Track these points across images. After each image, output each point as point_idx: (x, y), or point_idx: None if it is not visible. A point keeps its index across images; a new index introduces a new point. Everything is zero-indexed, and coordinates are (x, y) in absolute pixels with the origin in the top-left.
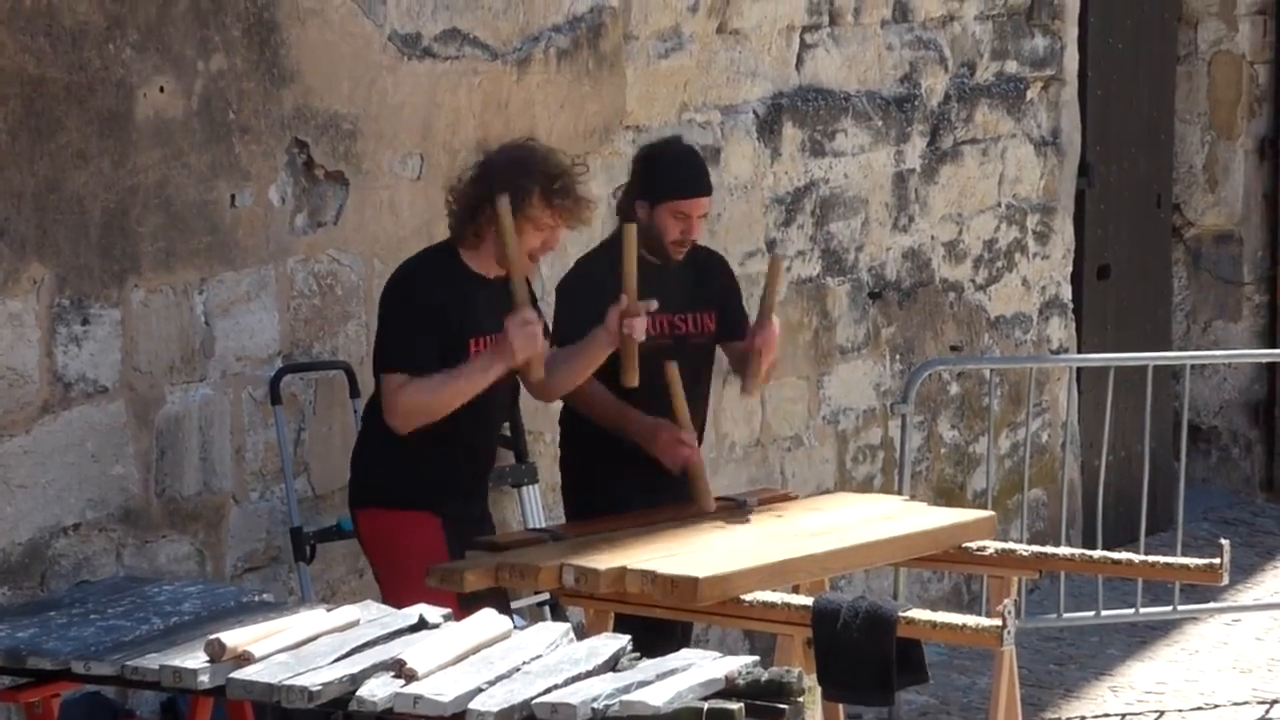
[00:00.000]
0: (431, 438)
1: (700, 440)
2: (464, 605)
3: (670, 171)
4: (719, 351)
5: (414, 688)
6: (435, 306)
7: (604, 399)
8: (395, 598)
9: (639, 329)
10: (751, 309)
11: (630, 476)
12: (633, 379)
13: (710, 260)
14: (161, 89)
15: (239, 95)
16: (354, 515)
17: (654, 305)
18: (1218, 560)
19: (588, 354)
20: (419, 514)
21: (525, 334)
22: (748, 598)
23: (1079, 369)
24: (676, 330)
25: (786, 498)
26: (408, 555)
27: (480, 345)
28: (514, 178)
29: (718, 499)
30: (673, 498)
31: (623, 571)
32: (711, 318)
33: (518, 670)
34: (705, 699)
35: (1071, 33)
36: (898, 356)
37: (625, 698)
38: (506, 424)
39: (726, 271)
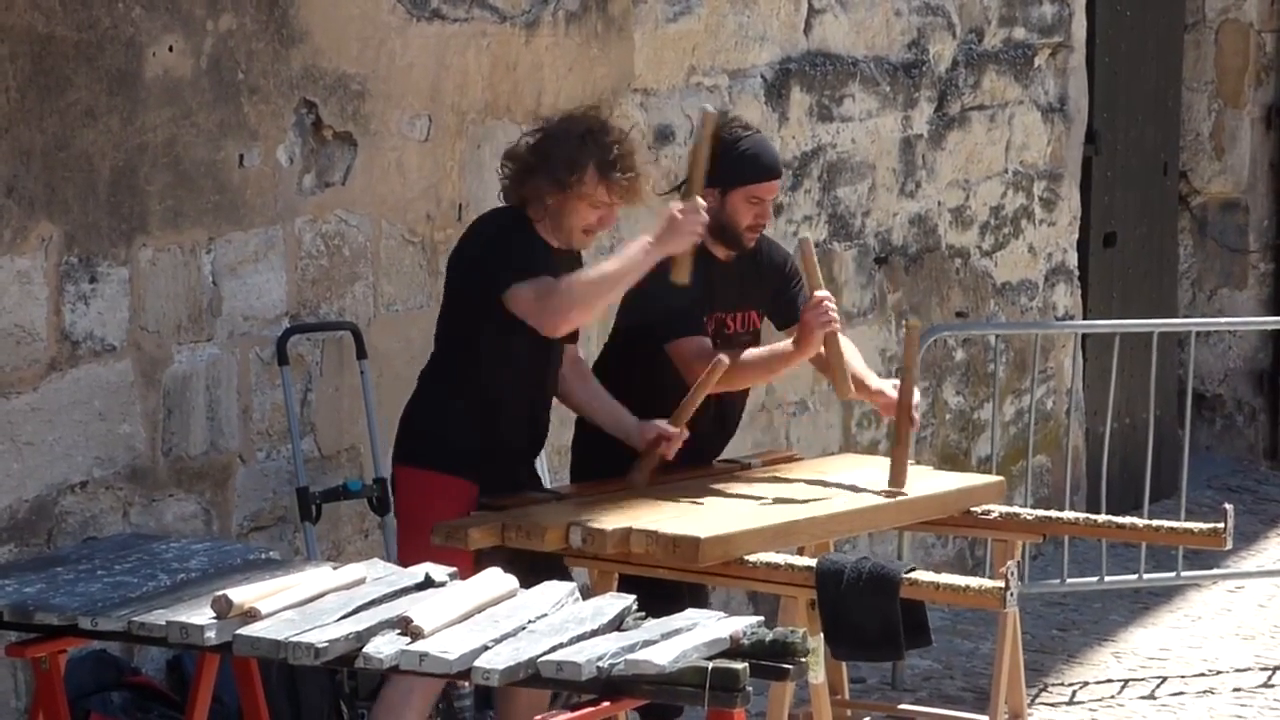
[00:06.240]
0: (485, 402)
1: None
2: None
3: (743, 155)
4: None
5: (420, 645)
6: (539, 242)
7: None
8: (409, 558)
9: (671, 452)
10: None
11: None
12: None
13: (770, 251)
14: (171, 48)
15: (248, 55)
16: (394, 472)
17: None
18: (1221, 525)
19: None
20: (454, 479)
21: (692, 220)
22: (751, 559)
23: (1084, 336)
24: (724, 330)
25: (791, 459)
26: (433, 518)
27: None
28: (569, 151)
29: (721, 461)
30: None
31: (628, 532)
32: (759, 315)
33: (523, 629)
34: (710, 658)
35: None
36: (904, 322)
37: (630, 656)
38: None
39: (785, 259)
